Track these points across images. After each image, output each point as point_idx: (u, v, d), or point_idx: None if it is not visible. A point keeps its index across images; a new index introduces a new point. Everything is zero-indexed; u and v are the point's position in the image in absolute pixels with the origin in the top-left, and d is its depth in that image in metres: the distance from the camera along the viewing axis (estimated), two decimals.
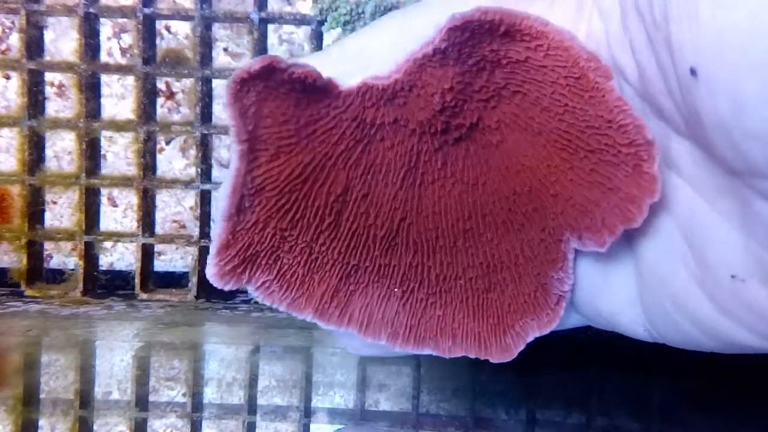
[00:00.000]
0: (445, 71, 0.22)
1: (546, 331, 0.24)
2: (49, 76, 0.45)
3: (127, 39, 0.45)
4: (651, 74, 0.20)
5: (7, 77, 0.45)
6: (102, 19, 0.44)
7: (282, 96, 0.21)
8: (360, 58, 0.23)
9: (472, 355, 0.25)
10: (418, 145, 0.23)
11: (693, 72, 0.17)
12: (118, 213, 0.46)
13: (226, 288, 0.23)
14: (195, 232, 0.44)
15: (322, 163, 0.23)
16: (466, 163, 0.24)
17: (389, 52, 0.22)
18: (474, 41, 0.21)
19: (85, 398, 0.39)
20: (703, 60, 0.17)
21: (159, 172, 0.45)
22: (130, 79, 0.45)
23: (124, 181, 0.44)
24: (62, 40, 0.45)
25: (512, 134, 0.23)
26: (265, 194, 0.23)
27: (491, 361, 0.25)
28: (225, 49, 0.45)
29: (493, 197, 0.24)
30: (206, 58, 0.43)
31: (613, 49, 0.21)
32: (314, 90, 0.22)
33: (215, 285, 0.23)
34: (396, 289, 0.24)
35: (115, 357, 0.41)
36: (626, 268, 0.23)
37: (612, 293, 0.23)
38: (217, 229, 0.23)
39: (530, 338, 0.24)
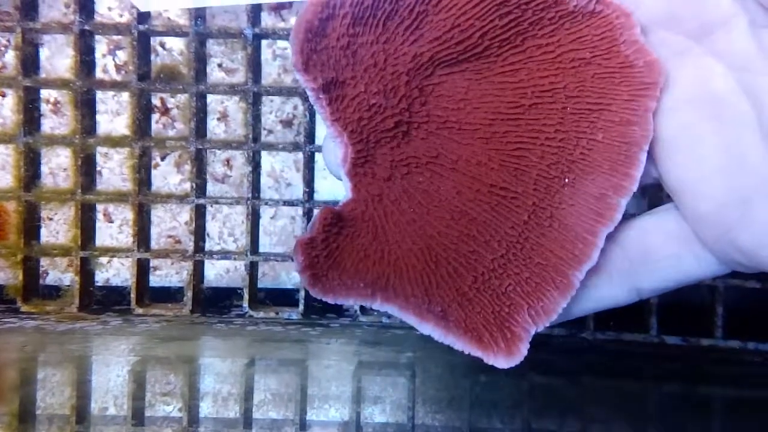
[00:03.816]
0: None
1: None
2: (44, 93, 0.45)
3: (122, 55, 0.45)
4: None
5: (3, 94, 0.46)
6: (97, 36, 0.45)
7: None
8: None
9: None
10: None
11: None
12: (114, 228, 0.46)
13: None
14: (190, 246, 0.44)
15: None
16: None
17: None
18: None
19: (81, 414, 0.39)
20: None
21: (154, 188, 0.45)
22: (125, 96, 0.45)
23: (120, 197, 0.44)
24: (58, 57, 0.45)
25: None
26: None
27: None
28: (219, 65, 0.46)
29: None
30: (201, 73, 0.44)
31: None
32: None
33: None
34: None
35: (111, 372, 0.40)
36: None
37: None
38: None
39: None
